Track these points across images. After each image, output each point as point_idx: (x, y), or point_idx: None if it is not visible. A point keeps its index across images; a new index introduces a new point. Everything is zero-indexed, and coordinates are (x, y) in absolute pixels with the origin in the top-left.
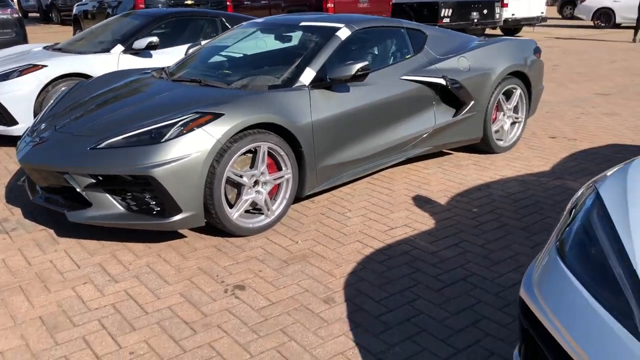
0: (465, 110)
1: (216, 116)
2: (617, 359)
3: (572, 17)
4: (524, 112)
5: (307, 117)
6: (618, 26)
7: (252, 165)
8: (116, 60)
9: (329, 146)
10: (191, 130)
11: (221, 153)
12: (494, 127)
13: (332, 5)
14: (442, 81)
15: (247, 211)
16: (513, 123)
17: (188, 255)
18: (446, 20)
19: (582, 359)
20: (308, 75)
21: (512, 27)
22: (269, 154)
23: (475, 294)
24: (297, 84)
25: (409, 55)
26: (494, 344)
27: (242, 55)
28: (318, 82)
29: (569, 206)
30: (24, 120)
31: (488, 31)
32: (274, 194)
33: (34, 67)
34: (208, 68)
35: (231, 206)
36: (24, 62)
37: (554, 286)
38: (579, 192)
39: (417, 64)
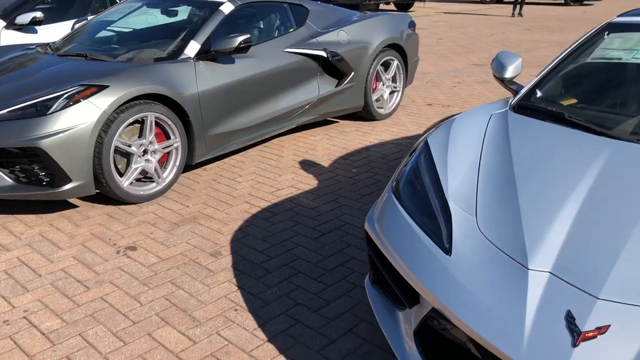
0: (347, 80)
1: (101, 88)
2: (428, 267)
3: None
4: (402, 81)
5: (193, 87)
6: (501, 1)
7: (141, 135)
8: None
9: (217, 115)
10: (77, 102)
11: (108, 124)
12: (375, 96)
13: None
14: (324, 53)
15: (138, 179)
16: (392, 92)
17: (81, 223)
18: None
19: (406, 272)
20: (193, 48)
21: (405, 3)
22: (157, 124)
23: (347, 239)
24: (182, 56)
25: (292, 29)
26: (358, 279)
27: (128, 29)
28: (203, 55)
29: (408, 153)
30: None
31: (382, 7)
32: (164, 162)
33: None
34: (94, 42)
35: (121, 175)
36: None
37: (388, 218)
38: (418, 141)
39: (299, 37)
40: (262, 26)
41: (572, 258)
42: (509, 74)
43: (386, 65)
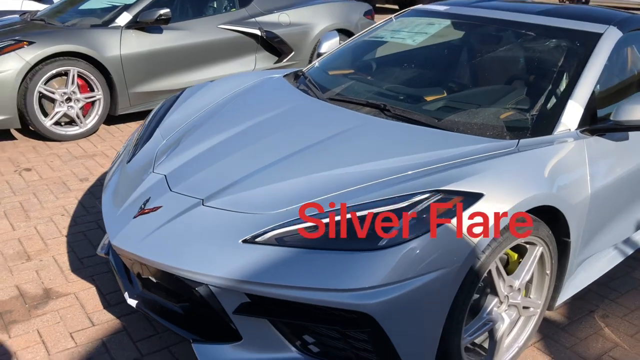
0: (286, 59)
1: (30, 43)
2: (111, 177)
3: None
4: None
5: (116, 51)
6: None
7: (66, 85)
8: None
9: (140, 76)
10: (7, 52)
11: (33, 72)
12: None
13: None
14: (258, 32)
15: (67, 122)
16: None
17: (7, 149)
18: None
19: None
20: (124, 18)
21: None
22: (83, 78)
23: None
24: (113, 25)
25: (234, 9)
26: None
27: (91, 4)
28: (133, 24)
29: None
30: None
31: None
32: (89, 110)
33: None
34: (59, 12)
35: (46, 115)
36: None
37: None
38: None
39: (239, 17)
40: (200, 4)
41: (184, 167)
42: (323, 49)
43: None
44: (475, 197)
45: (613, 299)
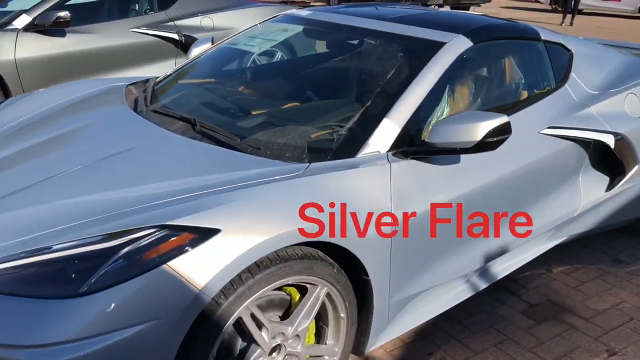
0: None
1: None
2: None
3: (536, 1)
4: None
5: (10, 54)
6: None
7: None
8: None
9: (40, 81)
10: None
11: None
12: None
13: None
14: (176, 36)
15: None
16: None
17: None
18: None
19: None
20: (22, 21)
21: (458, 4)
22: None
23: None
24: (9, 27)
25: (151, 12)
26: None
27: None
28: (31, 27)
29: None
30: None
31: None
32: None
33: None
34: None
35: None
36: None
37: None
38: None
39: (155, 20)
40: (113, 7)
41: None
42: (193, 55)
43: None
44: (210, 233)
45: (460, 339)
